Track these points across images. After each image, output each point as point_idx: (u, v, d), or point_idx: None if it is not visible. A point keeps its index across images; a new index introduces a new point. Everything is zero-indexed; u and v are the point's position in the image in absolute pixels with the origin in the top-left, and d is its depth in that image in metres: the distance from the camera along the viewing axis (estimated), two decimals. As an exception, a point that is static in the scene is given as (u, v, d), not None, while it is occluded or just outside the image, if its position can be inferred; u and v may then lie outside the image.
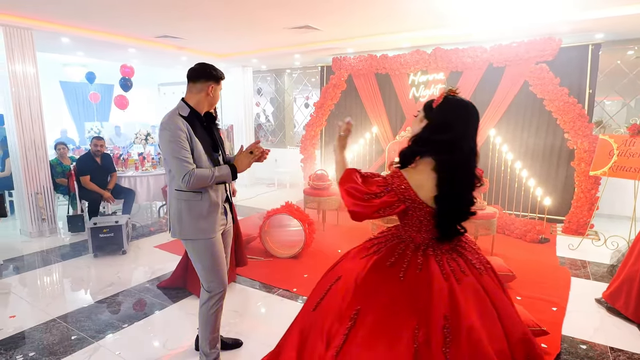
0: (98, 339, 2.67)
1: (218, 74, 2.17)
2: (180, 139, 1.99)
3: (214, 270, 2.20)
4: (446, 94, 1.57)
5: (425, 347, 1.36)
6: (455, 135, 1.51)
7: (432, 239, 1.59)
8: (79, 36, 5.43)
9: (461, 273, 1.52)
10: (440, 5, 4.39)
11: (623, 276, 2.86)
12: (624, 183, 4.80)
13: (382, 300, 1.48)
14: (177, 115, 2.05)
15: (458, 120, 1.53)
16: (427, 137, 1.55)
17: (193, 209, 2.10)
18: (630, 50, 5.92)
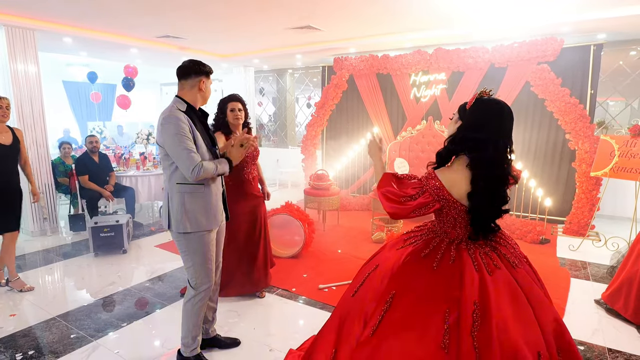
0: (97, 337, 2.69)
1: (207, 68, 2.21)
2: (185, 132, 2.03)
3: (204, 267, 2.22)
4: (479, 95, 1.64)
5: (455, 329, 1.45)
6: (488, 133, 1.57)
7: (466, 234, 1.65)
8: (81, 36, 5.46)
9: (493, 266, 1.58)
10: (442, 5, 4.38)
11: (622, 278, 2.85)
12: (625, 184, 4.78)
13: (417, 286, 1.59)
14: (177, 110, 2.08)
15: (490, 118, 1.59)
16: (462, 136, 1.61)
17: (197, 201, 2.15)
18: (632, 51, 5.90)
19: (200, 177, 2.05)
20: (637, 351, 2.50)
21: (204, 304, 2.28)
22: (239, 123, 2.99)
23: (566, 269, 3.90)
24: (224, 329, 2.80)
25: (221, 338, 2.61)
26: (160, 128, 2.07)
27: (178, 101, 2.15)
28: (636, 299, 2.72)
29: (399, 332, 1.51)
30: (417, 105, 6.19)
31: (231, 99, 2.99)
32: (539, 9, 4.50)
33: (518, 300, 1.52)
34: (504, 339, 1.41)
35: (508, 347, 1.40)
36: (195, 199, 2.15)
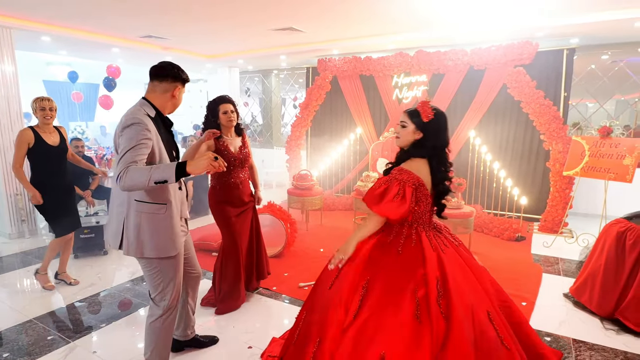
0: (75, 339, 2.69)
1: (185, 75, 2.06)
2: (144, 139, 1.81)
3: (173, 286, 2.05)
4: (433, 107, 1.95)
5: (424, 301, 1.72)
6: (445, 139, 1.98)
7: (425, 218, 1.96)
8: (61, 35, 5.41)
9: (444, 246, 1.92)
10: (421, 9, 4.49)
11: (587, 272, 2.99)
12: (596, 183, 4.96)
13: (387, 270, 1.83)
14: (146, 115, 1.90)
15: (444, 127, 1.98)
16: (429, 144, 1.95)
17: (155, 224, 1.92)
18: (604, 55, 6.11)
19: (127, 184, 1.72)
20: (600, 341, 2.62)
21: (172, 321, 2.13)
22: (232, 125, 2.94)
23: (539, 265, 4.04)
24: (203, 326, 2.83)
25: (200, 338, 2.59)
26: (123, 128, 1.83)
27: (146, 105, 1.95)
28: (600, 291, 2.85)
29: (377, 312, 1.73)
30: (399, 106, 6.29)
31: (223, 101, 2.91)
32: (514, 13, 4.65)
33: (465, 271, 1.85)
34: (462, 304, 1.70)
35: (466, 309, 1.70)
36: (154, 221, 1.91)
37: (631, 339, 2.62)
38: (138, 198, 1.89)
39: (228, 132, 2.97)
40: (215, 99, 2.96)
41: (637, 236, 2.68)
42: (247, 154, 3.07)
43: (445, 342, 1.65)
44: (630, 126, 6.99)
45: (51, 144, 3.29)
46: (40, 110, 3.24)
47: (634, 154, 4.05)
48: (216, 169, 1.80)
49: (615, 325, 2.75)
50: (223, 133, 2.94)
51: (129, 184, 1.73)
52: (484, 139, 5.64)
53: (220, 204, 3.02)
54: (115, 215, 1.95)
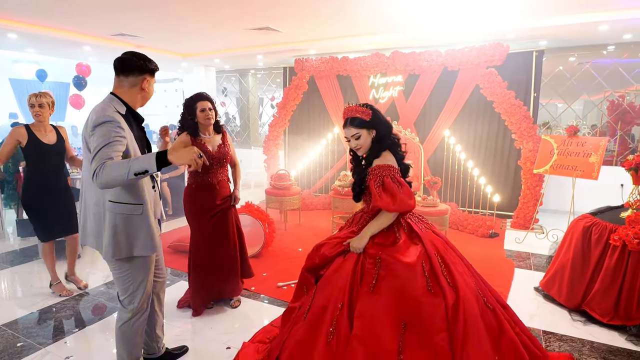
0: (46, 344, 2.61)
1: (152, 65, 1.94)
2: (118, 137, 1.74)
3: (143, 288, 2.00)
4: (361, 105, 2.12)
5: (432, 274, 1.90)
6: (389, 123, 2.19)
7: None
8: (28, 32, 5.22)
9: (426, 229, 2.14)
10: (393, 12, 4.56)
11: (556, 266, 3.11)
12: (564, 180, 5.16)
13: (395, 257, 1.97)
14: (116, 112, 1.81)
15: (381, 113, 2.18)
16: (386, 133, 2.12)
17: (130, 225, 1.86)
18: (571, 57, 6.36)
19: (104, 180, 1.64)
20: (568, 332, 2.73)
21: (143, 323, 2.09)
22: (210, 123, 2.87)
23: (511, 260, 4.17)
24: (179, 329, 2.79)
25: (171, 351, 2.49)
26: (93, 126, 1.74)
27: (115, 101, 1.85)
28: (568, 284, 2.97)
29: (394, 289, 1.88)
30: (376, 106, 6.34)
31: (200, 98, 2.83)
32: (486, 16, 4.78)
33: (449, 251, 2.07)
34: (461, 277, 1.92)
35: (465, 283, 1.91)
36: (129, 222, 1.86)
37: (597, 329, 2.75)
38: (112, 199, 1.82)
39: (206, 131, 2.89)
40: (192, 96, 2.88)
41: (601, 231, 2.81)
42: (226, 152, 2.98)
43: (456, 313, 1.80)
44: (597, 125, 7.31)
45: (46, 143, 3.12)
46: (30, 107, 3.08)
47: (599, 152, 4.24)
48: (194, 167, 1.72)
49: (583, 317, 2.88)
50: (201, 131, 2.87)
51: (107, 180, 1.64)
52: (458, 138, 5.78)
53: (194, 203, 2.95)
54: (93, 215, 1.89)
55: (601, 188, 4.65)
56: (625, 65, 6.03)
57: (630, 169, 2.93)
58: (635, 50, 5.89)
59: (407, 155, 2.21)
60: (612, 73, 6.11)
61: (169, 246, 4.45)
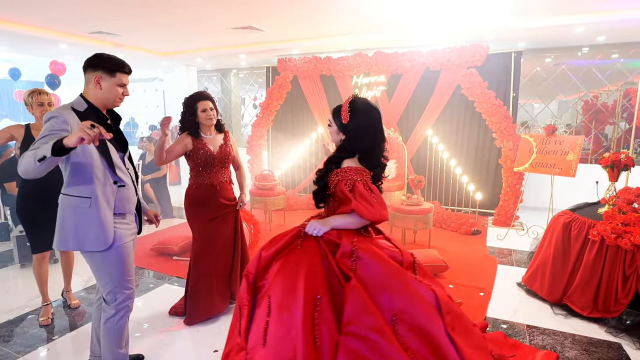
0: (24, 353, 2.51)
1: (109, 63, 1.88)
2: (57, 132, 1.71)
3: (122, 280, 1.99)
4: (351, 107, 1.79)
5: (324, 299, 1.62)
6: (371, 140, 1.82)
7: None
8: (2, 29, 5.03)
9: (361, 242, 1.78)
10: (372, 11, 4.58)
11: (538, 261, 3.19)
12: (543, 178, 5.30)
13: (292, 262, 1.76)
14: (69, 109, 1.83)
15: (366, 128, 1.81)
16: (351, 148, 1.83)
17: (77, 217, 1.87)
18: (547, 58, 6.54)
19: (22, 170, 1.65)
20: (550, 326, 2.80)
21: (127, 317, 2.07)
22: (212, 123, 2.79)
23: (494, 256, 4.25)
24: (167, 331, 2.74)
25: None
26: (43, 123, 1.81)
27: (78, 100, 1.89)
28: (549, 279, 3.05)
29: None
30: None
31: (200, 98, 2.74)
32: (466, 17, 4.86)
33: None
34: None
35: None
36: (79, 215, 1.86)
37: (578, 322, 2.82)
38: (64, 192, 1.89)
39: (207, 130, 2.81)
40: (192, 96, 2.78)
41: (581, 226, 2.89)
42: (228, 153, 2.87)
43: None
44: (572, 125, 7.54)
45: None
46: (38, 105, 2.82)
47: (576, 150, 4.37)
48: (93, 137, 1.51)
49: (564, 310, 2.95)
50: (202, 131, 2.79)
51: (23, 169, 1.64)
52: (441, 138, 5.86)
53: (194, 205, 2.84)
54: None
55: (577, 185, 4.79)
56: (599, 66, 6.24)
57: (607, 167, 3.03)
58: (609, 52, 6.10)
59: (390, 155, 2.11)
60: (587, 74, 6.31)
61: (152, 249, 4.36)
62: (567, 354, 2.47)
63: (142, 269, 3.95)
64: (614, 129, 6.62)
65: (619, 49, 5.99)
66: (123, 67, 1.92)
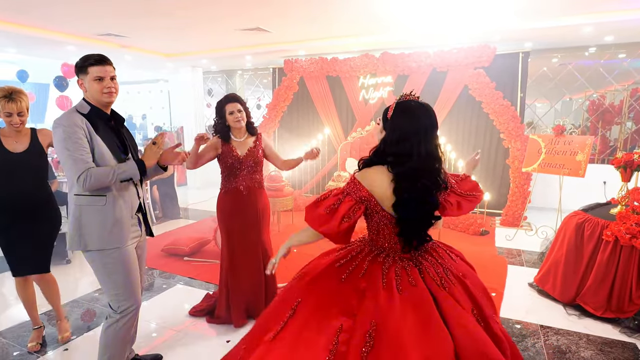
0: (43, 353, 2.54)
1: (79, 63, 1.89)
2: (76, 136, 1.78)
3: (126, 287, 1.94)
4: (397, 100, 1.55)
5: (344, 346, 1.38)
6: (410, 147, 1.48)
7: (389, 244, 1.58)
8: (11, 32, 5.06)
9: (407, 283, 1.47)
10: (380, 12, 4.60)
11: (550, 262, 3.20)
12: (552, 178, 5.29)
13: (320, 297, 1.53)
14: (75, 112, 1.86)
15: (410, 127, 1.49)
16: (384, 150, 1.54)
17: (95, 216, 1.87)
18: (554, 58, 6.54)
19: (93, 186, 1.78)
20: (564, 326, 2.81)
21: (129, 328, 2.01)
22: (240, 126, 2.71)
23: (503, 257, 4.26)
24: (179, 332, 2.76)
25: (142, 357, 2.41)
26: (52, 132, 1.85)
27: (81, 103, 1.93)
28: (562, 279, 3.06)
29: (292, 341, 1.46)
30: (365, 107, 6.41)
31: (228, 100, 2.70)
32: (474, 18, 4.87)
33: (430, 323, 1.39)
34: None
35: None
36: (92, 214, 1.87)
37: (591, 322, 2.83)
38: (76, 192, 1.87)
39: (238, 133, 2.76)
40: (221, 99, 2.74)
41: (594, 227, 2.90)
42: (258, 157, 2.78)
43: None
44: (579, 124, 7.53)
45: (11, 151, 2.37)
46: (6, 116, 2.34)
47: (585, 151, 4.37)
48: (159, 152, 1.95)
49: (577, 310, 2.96)
50: (233, 134, 2.75)
51: (96, 185, 1.80)
52: (448, 138, 5.87)
53: (223, 212, 2.78)
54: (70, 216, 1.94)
55: (584, 185, 4.79)
56: (606, 65, 6.23)
57: (620, 167, 3.04)
58: (616, 51, 6.09)
59: None
60: (594, 74, 6.30)
61: (163, 249, 4.38)
62: (582, 354, 2.48)
63: (154, 270, 3.97)
64: (620, 129, 6.61)
65: (626, 48, 5.99)
66: (90, 59, 1.88)
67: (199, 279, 3.73)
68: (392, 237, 1.56)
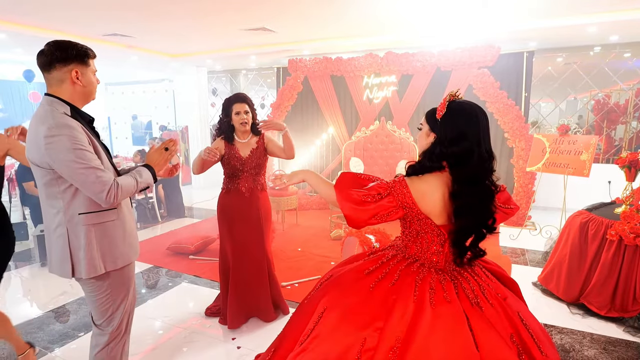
0: (52, 349, 2.58)
1: (80, 50, 1.62)
2: (84, 144, 1.53)
3: (124, 308, 1.80)
4: (448, 100, 1.45)
5: None
6: (469, 145, 1.39)
7: (426, 255, 1.49)
8: (18, 32, 5.12)
9: (442, 298, 1.38)
10: (385, 12, 4.61)
11: (554, 261, 3.20)
12: (556, 177, 5.29)
13: (347, 305, 1.44)
14: (64, 115, 1.55)
15: (469, 126, 1.40)
16: (439, 152, 1.42)
17: (109, 232, 1.67)
18: (559, 58, 6.52)
19: (120, 199, 1.59)
20: (568, 325, 2.82)
21: (121, 347, 1.86)
22: (245, 128, 2.67)
23: (507, 256, 4.26)
24: (186, 329, 2.79)
25: None
26: (46, 143, 1.48)
27: (56, 102, 1.57)
28: (566, 279, 3.07)
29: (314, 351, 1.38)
30: (370, 106, 6.42)
31: (236, 100, 2.64)
32: (478, 17, 4.87)
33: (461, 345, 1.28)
34: None
35: None
36: (107, 230, 1.66)
37: (595, 321, 2.84)
38: (82, 210, 1.60)
39: (242, 135, 2.72)
40: (229, 97, 2.70)
41: (598, 226, 2.90)
42: (260, 158, 2.74)
43: None
44: (582, 123, 7.50)
45: None
46: None
47: (590, 150, 4.36)
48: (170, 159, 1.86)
49: (581, 310, 2.97)
50: (237, 136, 2.72)
51: (122, 199, 1.62)
52: (452, 138, 5.86)
53: (221, 211, 2.76)
54: (55, 240, 1.63)
55: (589, 185, 4.78)
56: (611, 65, 6.21)
57: (624, 167, 3.04)
58: (621, 51, 6.07)
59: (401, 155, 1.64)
60: (599, 73, 6.28)
61: (168, 248, 4.42)
62: (585, 352, 2.49)
63: (160, 268, 4.00)
64: (625, 128, 6.58)
65: (631, 48, 5.96)
66: (90, 51, 1.68)
67: (204, 277, 3.76)
68: (431, 247, 1.46)
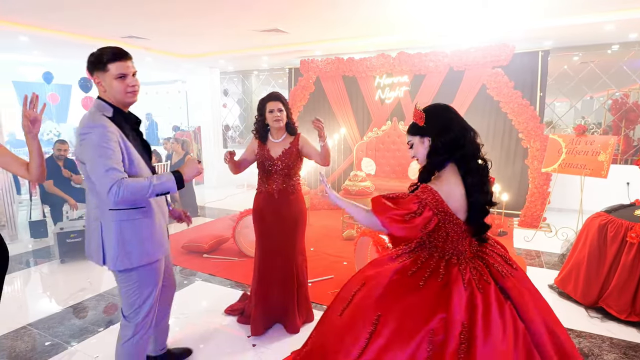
0: (73, 344, 2.64)
1: (96, 58, 1.71)
2: (111, 142, 1.64)
3: (151, 300, 1.87)
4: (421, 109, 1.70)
5: (439, 351, 1.42)
6: (458, 131, 1.63)
7: (459, 247, 1.64)
8: (39, 35, 5.24)
9: (484, 282, 1.54)
10: (398, 13, 4.60)
11: (571, 263, 3.16)
12: (572, 179, 5.22)
13: (402, 307, 1.53)
14: (102, 116, 1.69)
15: (449, 116, 1.67)
16: (442, 143, 1.62)
17: (137, 230, 1.76)
18: (575, 56, 6.43)
19: (126, 199, 1.62)
20: (586, 329, 2.78)
21: (146, 341, 1.93)
22: (279, 125, 2.61)
23: (522, 258, 4.21)
24: (202, 326, 2.82)
25: (173, 351, 2.42)
26: (80, 140, 1.65)
27: (101, 104, 1.73)
28: (584, 281, 3.02)
29: (383, 354, 1.47)
30: (381, 107, 6.41)
31: (270, 98, 2.62)
32: (492, 16, 4.83)
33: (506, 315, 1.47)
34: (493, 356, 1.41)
35: None
36: (136, 227, 1.76)
37: (615, 325, 2.80)
38: (114, 207, 1.71)
39: (276, 134, 2.67)
40: (264, 97, 2.65)
41: (617, 228, 2.86)
42: (293, 159, 2.65)
43: None
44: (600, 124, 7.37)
45: None
46: None
47: (608, 151, 4.29)
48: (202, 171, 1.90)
49: (599, 313, 2.93)
50: (271, 135, 2.68)
51: (129, 199, 1.65)
52: (466, 138, 5.81)
53: (256, 213, 2.73)
54: (92, 231, 1.80)
55: (607, 186, 4.70)
56: (630, 63, 6.09)
57: (644, 167, 2.98)
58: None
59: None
60: (617, 72, 6.17)
61: (183, 247, 4.47)
62: (605, 357, 2.46)
63: (175, 266, 4.06)
64: (644, 129, 6.45)
65: (650, 46, 5.85)
66: (107, 53, 1.70)
67: (218, 275, 3.80)
68: (459, 241, 1.63)
